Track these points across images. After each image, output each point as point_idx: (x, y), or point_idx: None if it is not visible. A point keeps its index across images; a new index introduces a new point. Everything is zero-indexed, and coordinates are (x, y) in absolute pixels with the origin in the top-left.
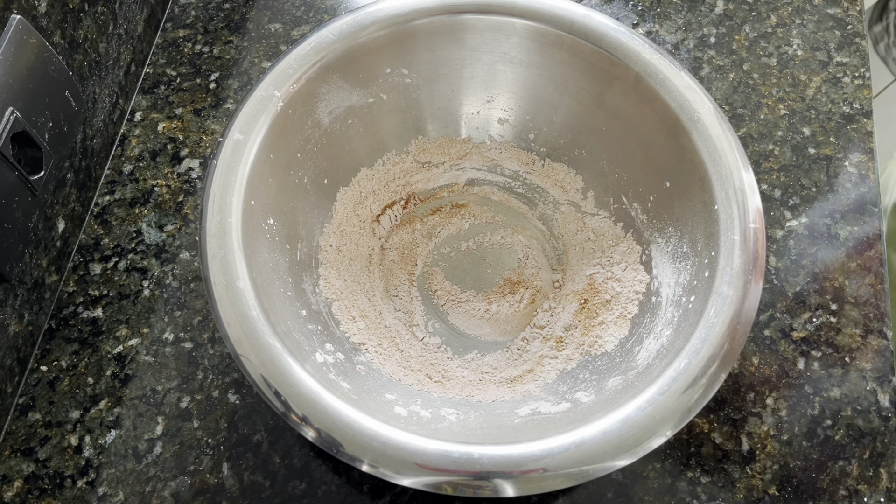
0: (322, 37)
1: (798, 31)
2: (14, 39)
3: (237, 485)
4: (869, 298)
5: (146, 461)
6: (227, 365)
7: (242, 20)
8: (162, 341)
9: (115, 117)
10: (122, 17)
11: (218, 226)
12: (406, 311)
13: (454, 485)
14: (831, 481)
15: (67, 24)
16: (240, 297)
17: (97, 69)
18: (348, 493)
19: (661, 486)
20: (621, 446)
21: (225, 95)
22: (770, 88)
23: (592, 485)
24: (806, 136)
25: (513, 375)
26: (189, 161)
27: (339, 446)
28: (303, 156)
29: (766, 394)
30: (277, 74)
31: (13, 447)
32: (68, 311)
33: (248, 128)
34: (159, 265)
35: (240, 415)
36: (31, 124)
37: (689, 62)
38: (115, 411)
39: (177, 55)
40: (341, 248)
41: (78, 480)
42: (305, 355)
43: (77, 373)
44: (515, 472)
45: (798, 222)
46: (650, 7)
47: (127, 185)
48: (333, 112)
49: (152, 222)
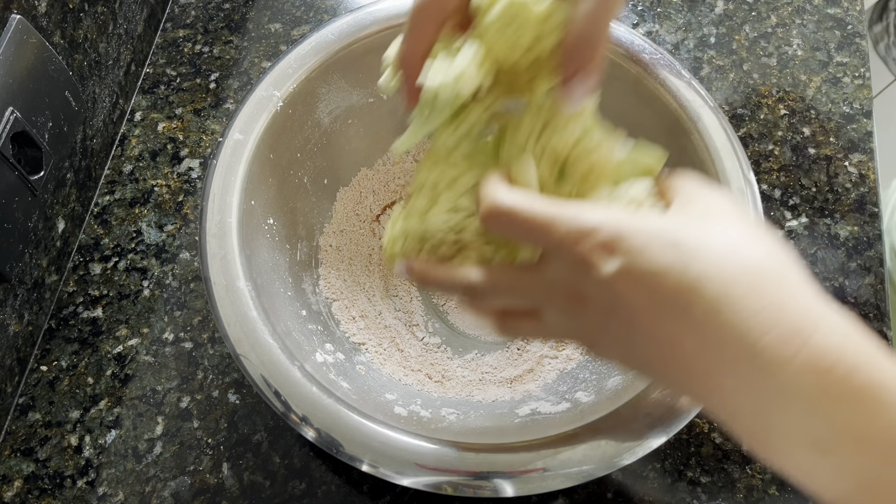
0: (322, 37)
1: (798, 31)
2: (14, 39)
3: (237, 485)
4: (869, 298)
5: (146, 461)
6: (227, 365)
7: (242, 20)
8: (162, 341)
9: (115, 117)
10: (122, 17)
11: (218, 226)
12: (406, 311)
13: (454, 485)
14: None
15: (67, 23)
16: (240, 297)
17: (97, 69)
18: (348, 493)
19: (662, 487)
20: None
21: (225, 95)
22: (770, 88)
23: (592, 485)
24: (806, 136)
25: (513, 375)
26: (189, 161)
27: (338, 446)
28: (303, 156)
29: None
30: (277, 74)
31: (13, 447)
32: (68, 311)
33: (248, 128)
34: (159, 265)
35: (240, 415)
36: (31, 124)
37: (689, 62)
38: (115, 411)
39: (177, 55)
40: (341, 248)
41: (78, 480)
42: (305, 355)
43: (77, 373)
44: (515, 472)
45: (798, 222)
46: (650, 7)
47: (127, 185)
48: (333, 112)
49: (152, 222)
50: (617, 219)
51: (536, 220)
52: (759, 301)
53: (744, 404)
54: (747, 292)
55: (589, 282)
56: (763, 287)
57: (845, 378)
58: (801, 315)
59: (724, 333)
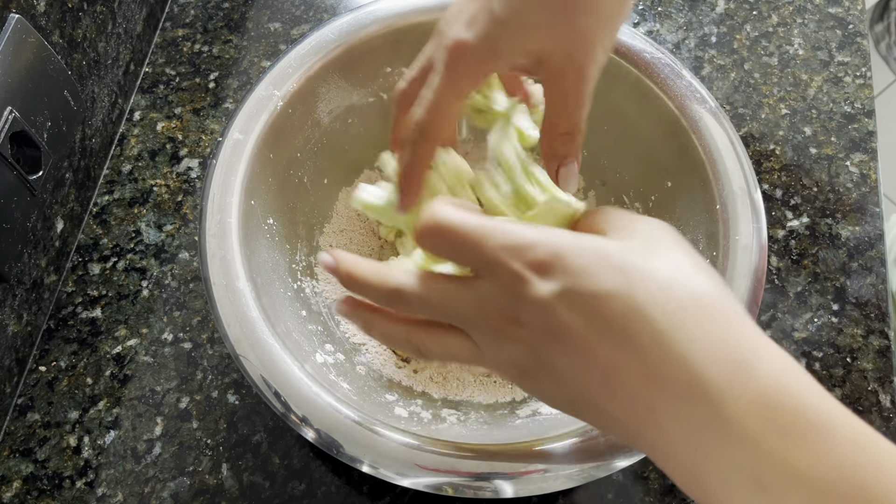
0: (322, 36)
1: (799, 31)
2: (13, 39)
3: (236, 485)
4: (870, 298)
5: (145, 462)
6: (227, 365)
7: (242, 19)
8: (161, 341)
9: (114, 117)
10: (121, 17)
11: (217, 225)
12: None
13: (455, 486)
14: None
15: (66, 23)
16: (239, 298)
17: (96, 68)
18: (348, 493)
19: (662, 487)
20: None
21: (224, 95)
22: (771, 88)
23: (593, 486)
24: (807, 135)
25: None
26: (188, 161)
27: (339, 447)
28: (303, 155)
29: None
30: (277, 74)
31: (12, 448)
32: (67, 311)
33: (247, 127)
34: (158, 265)
35: (239, 415)
36: (30, 124)
37: (690, 62)
38: (114, 412)
39: (176, 54)
40: (341, 248)
41: (77, 481)
42: (305, 356)
43: (76, 373)
44: (516, 472)
45: (799, 222)
46: (651, 6)
47: (126, 185)
48: (333, 111)
49: (151, 222)
50: (556, 236)
51: (469, 234)
52: (707, 330)
53: (683, 440)
54: (696, 321)
55: (523, 302)
56: (711, 316)
57: (793, 416)
58: (747, 347)
59: (671, 363)
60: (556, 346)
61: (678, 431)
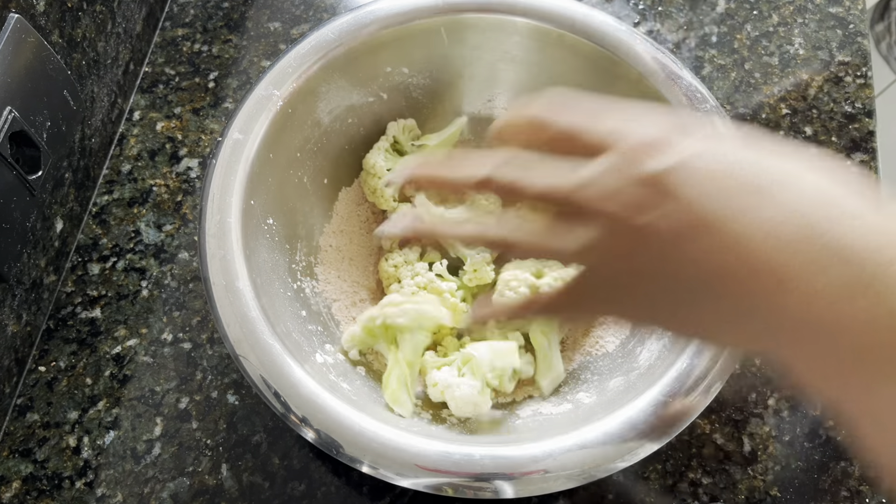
0: (322, 35)
1: (800, 31)
2: (12, 38)
3: (236, 486)
4: None
5: (145, 462)
6: (227, 365)
7: (241, 19)
8: (160, 342)
9: (114, 116)
10: (121, 16)
11: (217, 225)
12: None
13: (455, 486)
14: (833, 482)
15: (66, 22)
16: (239, 298)
17: (95, 68)
18: (348, 494)
19: (663, 488)
20: (623, 447)
21: (224, 95)
22: (772, 88)
23: (594, 486)
24: (808, 135)
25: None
26: (188, 160)
27: (338, 447)
28: (303, 155)
29: (768, 394)
30: (277, 73)
31: (11, 448)
32: (66, 311)
33: (247, 127)
34: (158, 265)
35: (239, 416)
36: (30, 124)
37: (691, 61)
38: (114, 412)
39: (175, 54)
40: (341, 248)
41: (76, 481)
42: (305, 356)
43: (75, 373)
44: (516, 473)
45: None
46: (651, 6)
47: (125, 185)
48: (333, 111)
49: (151, 222)
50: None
51: (573, 121)
52: (866, 209)
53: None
54: (847, 195)
55: (639, 179)
56: (862, 195)
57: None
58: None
59: (839, 233)
60: (680, 216)
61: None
